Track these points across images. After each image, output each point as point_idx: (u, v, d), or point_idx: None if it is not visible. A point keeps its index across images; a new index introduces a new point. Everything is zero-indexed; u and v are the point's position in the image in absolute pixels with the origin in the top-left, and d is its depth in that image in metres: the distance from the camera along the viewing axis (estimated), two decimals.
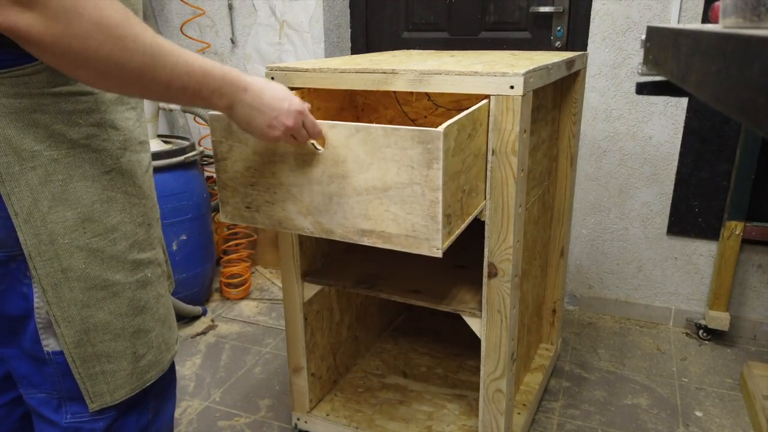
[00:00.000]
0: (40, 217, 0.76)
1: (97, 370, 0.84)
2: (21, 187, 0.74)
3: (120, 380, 0.86)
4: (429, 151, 0.92)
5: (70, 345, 0.81)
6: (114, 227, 0.82)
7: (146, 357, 0.89)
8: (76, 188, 0.78)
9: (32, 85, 0.74)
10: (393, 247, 1.00)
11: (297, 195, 1.05)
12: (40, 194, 0.76)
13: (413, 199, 0.96)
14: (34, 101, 0.74)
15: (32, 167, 0.75)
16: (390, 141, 0.94)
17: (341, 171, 1.00)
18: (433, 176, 0.93)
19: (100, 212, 0.81)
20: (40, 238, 0.77)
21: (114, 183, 0.82)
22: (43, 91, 0.75)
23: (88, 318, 0.82)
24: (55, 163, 0.76)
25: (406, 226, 0.98)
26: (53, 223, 0.77)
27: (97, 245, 0.81)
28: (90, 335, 0.82)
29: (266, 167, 1.06)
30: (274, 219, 1.09)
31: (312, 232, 1.06)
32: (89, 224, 0.80)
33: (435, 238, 0.96)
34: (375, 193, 0.98)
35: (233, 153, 1.08)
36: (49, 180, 0.76)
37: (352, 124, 0.97)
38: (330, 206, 1.03)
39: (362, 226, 1.01)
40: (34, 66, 0.73)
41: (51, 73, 0.75)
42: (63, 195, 0.77)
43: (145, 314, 0.88)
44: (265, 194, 1.08)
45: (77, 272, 0.80)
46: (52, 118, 0.76)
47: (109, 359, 0.85)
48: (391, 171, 0.96)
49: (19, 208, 0.75)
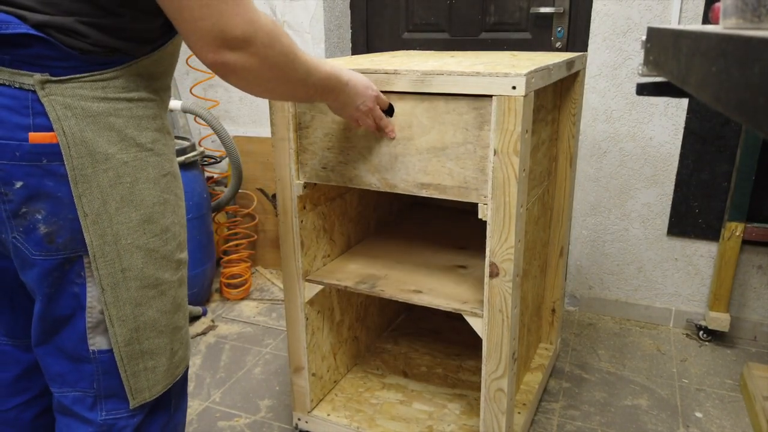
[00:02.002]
0: (107, 218, 0.80)
1: (140, 367, 0.87)
2: (92, 188, 0.78)
3: (158, 376, 0.90)
4: (481, 115, 1.10)
5: (121, 343, 0.84)
6: (167, 228, 0.87)
7: (179, 353, 0.93)
8: (141, 190, 0.82)
9: (110, 90, 0.78)
10: (447, 197, 1.17)
11: (367, 156, 1.23)
12: (109, 196, 0.79)
13: (466, 156, 1.14)
14: (110, 105, 0.78)
15: (104, 169, 0.78)
16: (449, 108, 1.12)
17: (407, 134, 1.18)
18: (484, 136, 1.11)
19: (158, 214, 0.85)
20: (105, 239, 0.80)
21: (169, 185, 0.87)
22: (119, 96, 0.79)
23: (139, 316, 0.85)
24: (125, 165, 0.80)
25: (459, 179, 1.16)
26: (119, 224, 0.81)
27: (154, 245, 0.85)
28: (140, 333, 0.86)
29: (342, 133, 1.25)
30: (345, 177, 1.27)
31: (378, 187, 1.24)
32: (149, 225, 0.84)
33: (483, 188, 1.14)
34: (434, 152, 1.16)
35: (315, 122, 1.27)
36: (119, 182, 0.80)
37: (418, 94, 1.14)
38: (395, 164, 1.21)
39: (422, 180, 1.19)
40: (113, 71, 0.78)
41: (126, 79, 0.80)
42: (130, 197, 0.81)
43: (180, 311, 0.92)
44: (339, 155, 1.27)
45: (135, 271, 0.83)
46: (125, 122, 0.80)
47: (152, 356, 0.88)
48: (449, 133, 1.14)
49: (89, 209, 0.78)
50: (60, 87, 0.75)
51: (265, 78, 0.83)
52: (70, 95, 0.75)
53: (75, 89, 0.75)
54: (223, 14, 0.74)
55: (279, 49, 0.82)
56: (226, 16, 0.74)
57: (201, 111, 2.21)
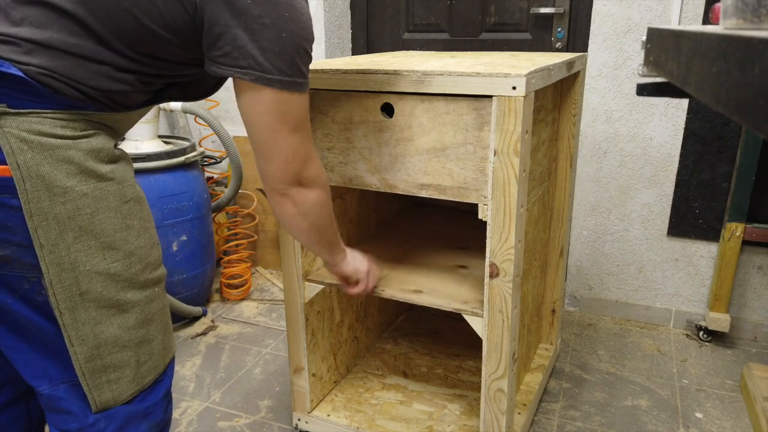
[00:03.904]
0: (65, 248, 0.79)
1: (103, 380, 0.87)
2: (49, 221, 0.77)
3: (122, 386, 0.89)
4: (481, 116, 1.10)
5: (81, 360, 0.84)
6: (131, 252, 0.86)
7: (147, 363, 0.92)
8: (101, 220, 0.81)
9: (68, 129, 0.77)
10: (447, 197, 1.18)
11: (367, 156, 1.24)
12: (67, 227, 0.78)
13: (466, 157, 1.14)
14: (69, 141, 0.77)
15: (62, 202, 0.77)
16: (449, 109, 1.12)
17: (407, 135, 1.18)
18: (484, 136, 1.11)
19: (121, 240, 0.84)
20: (63, 267, 0.79)
21: (132, 211, 0.86)
22: (78, 134, 0.78)
23: (99, 334, 0.84)
24: (84, 197, 0.79)
25: (459, 180, 1.16)
26: (77, 252, 0.80)
27: (116, 270, 0.84)
28: (101, 349, 0.85)
29: (342, 134, 1.25)
30: (345, 177, 1.28)
31: (378, 187, 1.25)
32: (110, 252, 0.83)
33: (483, 188, 1.14)
34: (434, 153, 1.17)
35: (315, 122, 1.27)
36: (78, 214, 0.79)
37: (418, 95, 1.14)
38: (395, 165, 1.21)
39: (422, 181, 1.20)
40: (76, 114, 0.78)
41: (87, 123, 0.79)
42: (89, 227, 0.80)
43: (149, 326, 0.91)
44: (340, 156, 1.27)
45: (94, 294, 0.82)
46: (84, 156, 0.79)
47: (115, 369, 0.87)
48: (449, 133, 1.14)
49: (45, 240, 0.77)
50: (17, 120, 0.73)
51: (306, 211, 0.98)
52: (26, 129, 0.73)
53: (33, 124, 0.74)
54: (307, 165, 0.93)
55: (326, 197, 1.01)
56: (308, 166, 0.93)
57: (201, 111, 2.21)
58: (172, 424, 1.64)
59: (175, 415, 1.69)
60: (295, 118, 0.88)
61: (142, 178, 1.95)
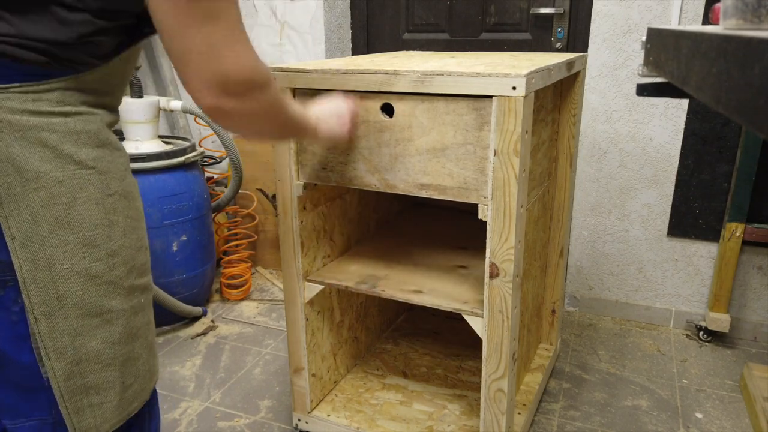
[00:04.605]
0: (39, 242, 0.72)
1: (84, 404, 0.80)
2: (21, 209, 0.71)
3: (107, 413, 0.82)
4: (481, 116, 1.10)
5: (59, 378, 0.77)
6: (115, 252, 0.79)
7: (133, 386, 0.85)
8: (80, 212, 0.75)
9: (42, 103, 0.71)
10: (447, 198, 1.17)
11: (367, 156, 1.23)
12: (41, 217, 0.72)
13: (466, 157, 1.14)
14: (43, 119, 0.71)
15: (35, 188, 0.71)
16: (449, 109, 1.12)
17: (407, 135, 1.18)
18: (483, 137, 1.11)
19: (102, 237, 0.78)
20: (37, 264, 0.73)
21: (116, 206, 0.79)
22: (53, 110, 0.72)
23: (80, 347, 0.77)
24: (59, 185, 0.73)
25: (459, 180, 1.16)
26: (53, 248, 0.73)
27: (97, 270, 0.77)
28: (81, 366, 0.78)
29: None
30: (345, 177, 1.27)
31: (378, 187, 1.24)
32: (90, 249, 0.76)
33: (483, 189, 1.14)
34: (434, 153, 1.16)
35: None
36: (54, 203, 0.73)
37: (418, 95, 1.14)
38: (395, 165, 1.21)
39: (422, 181, 1.19)
40: (48, 83, 0.71)
41: (62, 93, 0.73)
42: (66, 218, 0.74)
43: (135, 342, 0.84)
44: (340, 156, 1.27)
45: (74, 299, 0.76)
46: (60, 138, 0.73)
47: (98, 391, 0.80)
48: (449, 133, 1.14)
49: (17, 231, 0.71)
50: None
51: (256, 121, 0.86)
52: None
53: (1, 101, 0.68)
54: (227, 60, 0.74)
55: (272, 96, 0.84)
56: (229, 62, 0.75)
57: (201, 111, 2.21)
58: (172, 424, 1.64)
59: (175, 415, 1.69)
60: (206, 5, 0.72)
61: (142, 178, 1.95)
